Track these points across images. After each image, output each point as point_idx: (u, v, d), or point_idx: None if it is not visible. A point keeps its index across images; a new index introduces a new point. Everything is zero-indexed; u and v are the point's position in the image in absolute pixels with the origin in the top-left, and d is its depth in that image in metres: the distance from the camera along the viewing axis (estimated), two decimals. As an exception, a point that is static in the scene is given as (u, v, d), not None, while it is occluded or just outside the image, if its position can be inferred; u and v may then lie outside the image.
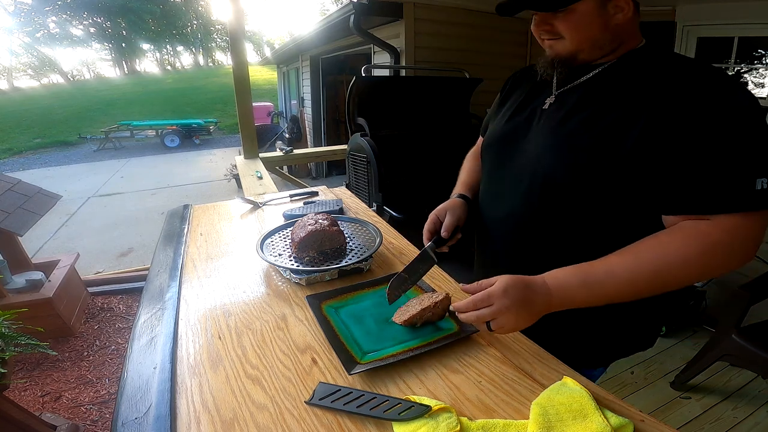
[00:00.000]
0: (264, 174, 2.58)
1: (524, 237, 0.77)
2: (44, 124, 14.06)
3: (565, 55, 0.70)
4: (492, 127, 0.90)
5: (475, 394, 0.53)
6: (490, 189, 0.86)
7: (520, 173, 0.76)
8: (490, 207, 0.86)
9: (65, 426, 1.61)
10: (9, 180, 2.32)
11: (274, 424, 0.49)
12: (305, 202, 1.23)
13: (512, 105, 0.85)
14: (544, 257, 0.73)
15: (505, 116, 0.85)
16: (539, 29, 0.72)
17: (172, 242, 1.00)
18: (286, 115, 9.00)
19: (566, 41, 0.69)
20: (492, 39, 3.23)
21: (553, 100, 0.75)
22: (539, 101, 0.78)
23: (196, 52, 36.71)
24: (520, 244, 0.79)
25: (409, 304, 0.68)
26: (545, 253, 0.75)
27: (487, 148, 0.89)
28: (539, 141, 0.74)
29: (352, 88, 2.29)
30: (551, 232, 0.73)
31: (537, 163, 0.72)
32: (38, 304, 2.05)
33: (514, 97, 0.87)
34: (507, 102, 0.89)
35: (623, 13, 0.65)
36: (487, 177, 0.89)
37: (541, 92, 0.79)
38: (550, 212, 0.72)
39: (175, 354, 0.61)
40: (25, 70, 29.11)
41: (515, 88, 0.90)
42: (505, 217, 0.80)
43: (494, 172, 0.85)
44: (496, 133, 0.86)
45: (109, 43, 29.78)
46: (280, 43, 10.75)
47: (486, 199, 0.88)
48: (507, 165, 0.80)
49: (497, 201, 0.83)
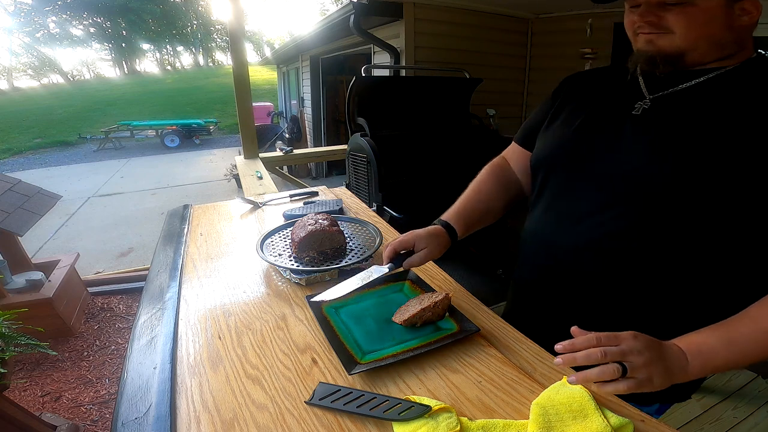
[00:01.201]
0: (264, 174, 2.58)
1: (613, 268, 0.64)
2: (44, 124, 14.06)
3: (671, 52, 0.60)
4: (550, 135, 0.76)
5: (475, 394, 0.53)
6: (556, 210, 0.72)
7: (611, 191, 0.64)
8: (556, 232, 0.71)
9: (65, 426, 1.60)
10: (9, 180, 2.32)
11: (274, 424, 0.49)
12: (305, 202, 1.23)
13: (579, 110, 0.73)
14: (638, 297, 0.63)
15: (570, 122, 0.72)
16: (642, 19, 0.61)
17: (172, 242, 1.00)
18: (286, 115, 9.00)
19: (675, 37, 0.59)
20: (492, 39, 3.23)
21: (648, 105, 0.64)
22: (625, 106, 0.67)
23: (196, 52, 36.73)
24: (604, 279, 0.65)
25: (409, 304, 0.68)
26: (640, 291, 0.63)
27: (549, 161, 0.74)
28: (638, 151, 0.62)
29: (352, 88, 2.30)
30: (651, 264, 0.61)
31: (638, 179, 0.60)
32: (38, 304, 2.05)
33: (578, 102, 0.74)
34: (566, 107, 0.76)
35: (750, 16, 0.58)
36: (549, 196, 0.74)
37: (625, 96, 0.68)
38: (653, 238, 0.60)
39: (175, 354, 0.61)
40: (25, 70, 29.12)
41: (574, 92, 0.77)
42: (584, 245, 0.66)
43: (563, 189, 0.71)
44: (564, 143, 0.71)
45: (109, 43, 29.78)
46: (280, 43, 10.76)
47: (548, 222, 0.73)
48: (585, 181, 0.67)
49: (569, 224, 0.69)
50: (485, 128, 2.87)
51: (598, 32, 2.68)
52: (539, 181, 0.77)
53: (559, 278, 0.72)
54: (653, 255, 0.61)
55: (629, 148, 0.63)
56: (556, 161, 0.73)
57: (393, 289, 0.77)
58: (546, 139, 0.77)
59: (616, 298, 0.65)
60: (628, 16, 0.64)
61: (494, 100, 3.33)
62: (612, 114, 0.68)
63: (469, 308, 0.72)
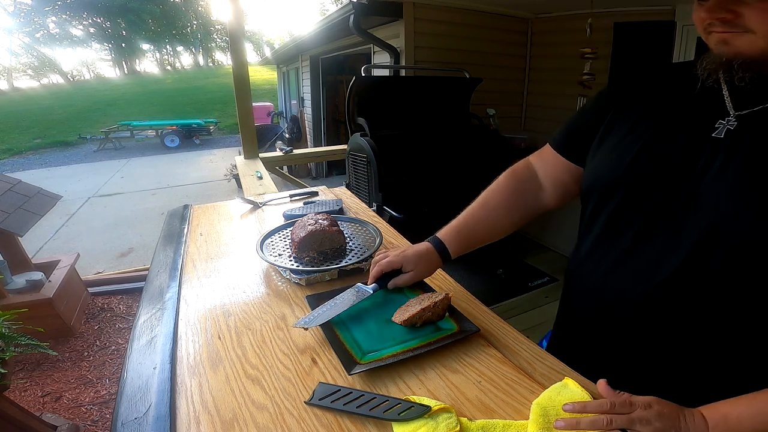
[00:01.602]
0: (264, 174, 2.58)
1: (675, 326, 0.55)
2: (44, 125, 14.06)
3: (753, 55, 0.49)
4: (606, 158, 0.63)
5: (475, 395, 0.53)
6: (611, 253, 0.62)
7: (684, 236, 0.53)
8: (609, 278, 0.61)
9: (65, 426, 1.61)
10: (9, 180, 2.32)
11: (274, 424, 0.49)
12: (305, 202, 1.23)
13: (639, 127, 0.60)
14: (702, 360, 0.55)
15: (631, 143, 0.60)
16: (713, 16, 0.50)
17: (172, 242, 1.00)
18: (286, 115, 9.00)
19: (757, 37, 0.48)
20: (492, 39, 3.23)
21: (735, 125, 0.52)
22: (703, 126, 0.54)
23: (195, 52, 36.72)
24: (664, 337, 0.57)
25: (409, 304, 0.68)
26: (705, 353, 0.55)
27: (605, 192, 0.62)
28: (724, 189, 0.50)
29: (351, 87, 2.29)
30: (722, 325, 0.53)
31: (723, 223, 0.50)
32: (38, 304, 2.05)
33: (638, 115, 0.62)
34: (619, 120, 0.64)
35: None
36: (603, 234, 0.63)
37: (701, 111, 0.55)
38: (731, 294, 0.51)
39: (175, 354, 0.61)
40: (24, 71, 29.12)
41: (634, 99, 0.64)
42: (644, 296, 0.57)
43: (622, 225, 0.60)
44: (625, 171, 0.59)
45: (109, 43, 29.78)
46: (280, 43, 10.76)
47: (600, 264, 0.63)
48: (652, 218, 0.56)
49: (629, 270, 0.59)
50: (485, 128, 2.87)
51: (598, 32, 2.68)
52: (590, 210, 0.65)
53: (605, 328, 0.64)
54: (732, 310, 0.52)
55: (717, 186, 0.51)
56: (615, 194, 0.61)
57: (393, 289, 0.77)
58: (599, 163, 0.64)
59: (662, 359, 0.59)
60: (696, 12, 0.53)
61: (494, 99, 3.32)
62: (687, 136, 0.55)
63: (469, 308, 0.72)
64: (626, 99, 0.65)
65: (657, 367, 0.60)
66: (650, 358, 0.60)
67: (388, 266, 0.70)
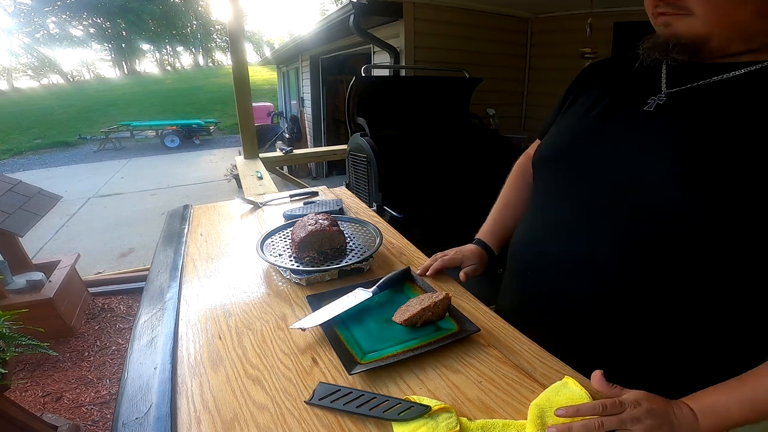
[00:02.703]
0: (264, 174, 2.59)
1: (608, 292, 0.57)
2: (44, 125, 14.07)
3: (689, 37, 0.51)
4: (554, 130, 0.69)
5: (476, 394, 0.53)
6: (549, 221, 0.64)
7: (611, 204, 0.56)
8: (546, 240, 0.64)
9: (66, 426, 1.61)
10: (9, 181, 2.32)
11: (275, 424, 0.49)
12: (305, 202, 1.23)
13: (587, 103, 0.64)
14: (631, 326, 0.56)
15: (577, 118, 0.64)
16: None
17: (172, 242, 1.00)
18: (286, 115, 9.00)
19: (695, 19, 0.50)
20: (492, 39, 3.23)
21: (664, 100, 0.55)
22: (637, 100, 0.58)
23: (195, 52, 36.75)
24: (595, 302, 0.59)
25: (409, 304, 0.68)
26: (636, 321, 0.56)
27: (544, 163, 0.67)
28: (648, 159, 0.53)
29: (351, 87, 2.29)
30: (653, 299, 0.54)
31: (645, 193, 0.53)
32: (39, 304, 2.05)
33: (590, 94, 0.66)
34: (578, 101, 0.68)
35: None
36: (543, 204, 0.67)
37: (639, 89, 0.59)
38: (658, 266, 0.53)
39: (176, 354, 0.61)
40: (24, 71, 29.14)
41: (590, 83, 0.68)
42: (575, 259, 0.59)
43: (555, 198, 0.64)
44: (563, 142, 0.64)
45: (109, 43, 29.80)
46: (280, 43, 10.76)
47: (539, 234, 0.66)
48: (582, 190, 0.59)
49: (562, 233, 0.61)
50: (485, 128, 2.87)
51: (598, 32, 2.68)
52: (538, 187, 0.69)
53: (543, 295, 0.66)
54: (661, 282, 0.53)
55: (642, 156, 0.54)
56: (550, 165, 0.66)
57: (393, 289, 0.77)
58: (548, 138, 0.69)
59: (607, 325, 0.59)
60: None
61: (494, 99, 3.33)
62: (623, 109, 0.59)
63: (469, 308, 0.72)
64: (587, 81, 0.70)
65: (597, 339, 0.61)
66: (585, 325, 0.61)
67: (451, 263, 0.78)
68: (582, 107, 0.65)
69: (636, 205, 0.53)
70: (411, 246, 0.98)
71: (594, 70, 0.71)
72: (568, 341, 0.63)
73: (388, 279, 0.74)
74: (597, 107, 0.62)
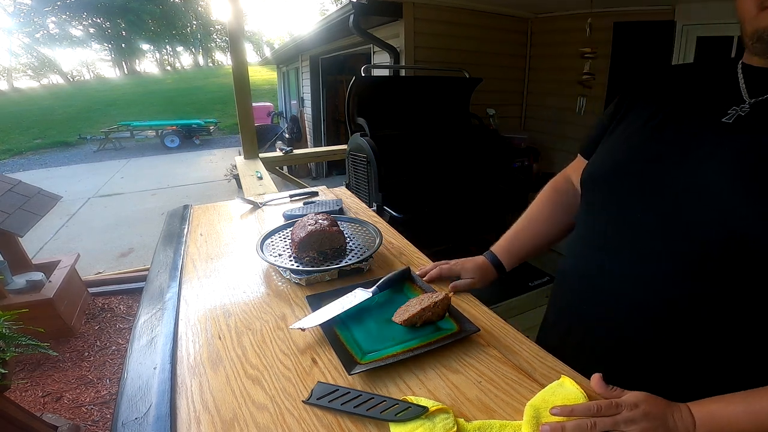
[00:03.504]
0: (264, 174, 2.59)
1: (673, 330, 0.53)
2: (44, 125, 14.06)
3: None
4: (607, 149, 0.62)
5: (475, 395, 0.53)
6: (604, 246, 0.59)
7: (678, 227, 0.50)
8: (600, 275, 0.59)
9: (66, 426, 1.61)
10: (9, 181, 2.32)
11: (274, 424, 0.49)
12: (305, 203, 1.23)
13: (644, 115, 0.58)
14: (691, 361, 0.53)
15: (633, 131, 0.58)
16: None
17: (172, 242, 1.00)
18: (286, 115, 9.00)
19: None
20: (492, 39, 3.23)
21: (747, 110, 0.49)
22: (711, 111, 0.51)
23: (195, 52, 36.74)
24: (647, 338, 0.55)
25: (409, 304, 0.68)
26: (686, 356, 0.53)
27: (597, 181, 0.61)
28: (727, 178, 0.47)
29: (351, 88, 2.29)
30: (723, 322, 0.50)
31: (721, 214, 0.47)
32: (39, 304, 2.05)
33: (646, 105, 0.59)
34: (631, 113, 0.62)
35: None
36: (599, 227, 0.61)
37: (711, 98, 0.53)
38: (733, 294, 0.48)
39: (175, 354, 0.61)
40: (24, 71, 29.13)
41: (643, 94, 0.62)
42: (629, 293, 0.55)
43: (616, 220, 0.58)
44: (625, 157, 0.57)
45: (109, 43, 29.79)
46: (280, 43, 10.76)
47: (593, 259, 0.61)
48: (645, 213, 0.54)
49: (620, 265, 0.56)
50: (485, 128, 2.87)
51: (597, 32, 2.68)
52: (590, 209, 0.63)
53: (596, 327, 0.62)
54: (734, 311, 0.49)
55: (718, 172, 0.47)
56: (609, 175, 0.58)
57: (393, 289, 0.77)
58: (601, 149, 0.63)
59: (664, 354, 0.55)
60: None
61: (494, 99, 3.32)
62: (696, 121, 0.52)
63: (469, 308, 0.72)
64: (643, 92, 0.64)
65: (654, 365, 0.58)
66: (648, 356, 0.58)
67: (449, 272, 0.77)
68: (639, 119, 0.60)
69: (709, 229, 0.48)
70: (411, 246, 0.98)
71: (651, 79, 0.65)
72: (621, 370, 0.60)
73: (387, 279, 0.74)
74: (656, 118, 0.57)
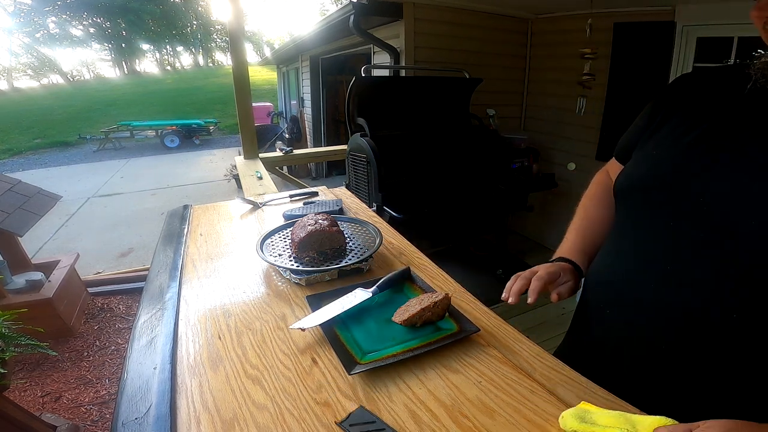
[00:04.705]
0: (264, 174, 2.58)
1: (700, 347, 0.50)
2: (44, 125, 14.06)
3: None
4: (644, 158, 0.60)
5: (475, 394, 0.53)
6: (637, 258, 0.56)
7: (717, 246, 0.48)
8: (632, 287, 0.57)
9: (65, 426, 1.60)
10: (9, 180, 2.32)
11: (274, 424, 0.49)
12: (305, 203, 1.23)
13: (684, 125, 0.56)
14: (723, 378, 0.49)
15: (671, 141, 0.56)
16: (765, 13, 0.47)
17: (172, 242, 1.00)
18: (286, 115, 9.00)
19: None
20: (492, 39, 3.23)
21: None
22: (757, 122, 0.50)
23: (195, 52, 36.72)
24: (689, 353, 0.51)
25: (409, 304, 0.68)
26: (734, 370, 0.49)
27: (633, 192, 0.59)
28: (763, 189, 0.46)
29: (351, 88, 2.29)
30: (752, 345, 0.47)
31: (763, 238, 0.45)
32: (38, 304, 2.05)
33: (686, 115, 0.57)
34: (670, 121, 0.59)
35: None
36: (627, 239, 0.59)
37: (754, 114, 0.50)
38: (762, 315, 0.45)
39: (175, 354, 0.61)
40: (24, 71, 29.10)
41: (684, 101, 0.60)
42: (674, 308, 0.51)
43: (647, 236, 0.56)
44: (659, 171, 0.55)
45: (109, 43, 29.77)
46: (280, 43, 10.77)
47: (623, 271, 0.58)
48: (683, 230, 0.51)
49: (651, 278, 0.54)
50: (485, 128, 2.87)
51: (597, 32, 2.68)
52: (621, 212, 0.61)
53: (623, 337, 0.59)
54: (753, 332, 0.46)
55: (751, 189, 0.46)
56: (647, 188, 0.56)
57: (393, 289, 0.77)
58: (639, 157, 0.61)
59: (694, 370, 0.52)
60: (752, 10, 0.51)
61: (494, 100, 3.32)
62: (737, 134, 0.50)
63: (469, 308, 0.72)
64: (681, 98, 0.62)
65: (692, 388, 0.54)
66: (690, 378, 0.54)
67: (550, 278, 0.67)
68: (678, 129, 0.57)
69: (758, 240, 0.45)
70: (411, 246, 0.98)
71: (685, 85, 0.63)
72: (647, 383, 0.57)
73: (387, 279, 0.74)
74: (695, 131, 0.54)
